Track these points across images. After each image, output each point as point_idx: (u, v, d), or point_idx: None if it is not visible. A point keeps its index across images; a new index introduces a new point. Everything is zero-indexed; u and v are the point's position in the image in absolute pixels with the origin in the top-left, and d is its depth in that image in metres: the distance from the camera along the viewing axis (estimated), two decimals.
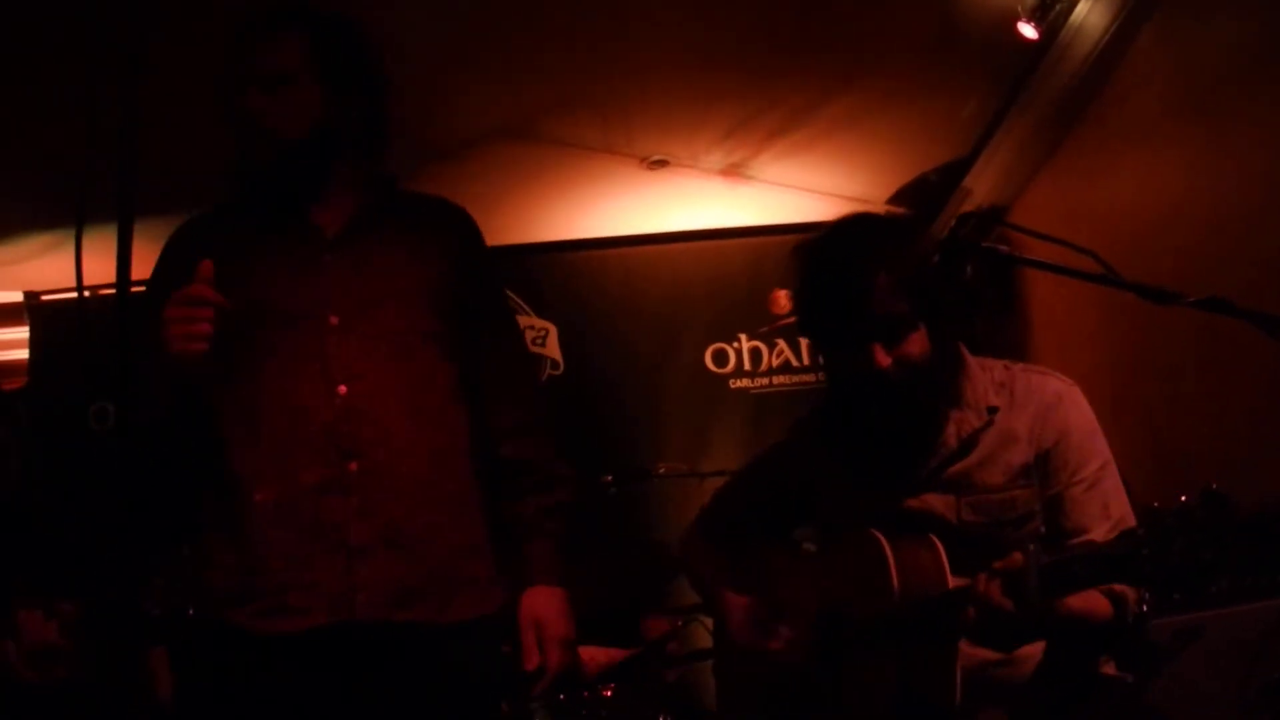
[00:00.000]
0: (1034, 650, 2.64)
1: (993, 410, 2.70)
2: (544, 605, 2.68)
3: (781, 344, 6.46)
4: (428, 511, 2.56)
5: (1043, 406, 2.70)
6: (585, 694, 4.45)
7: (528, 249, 6.43)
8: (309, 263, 2.62)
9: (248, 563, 2.48)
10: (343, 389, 2.53)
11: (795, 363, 6.48)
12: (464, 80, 4.84)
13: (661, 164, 5.76)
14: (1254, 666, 2.97)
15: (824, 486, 2.93)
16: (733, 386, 6.43)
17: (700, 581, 3.26)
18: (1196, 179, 4.16)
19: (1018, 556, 2.33)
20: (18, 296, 5.84)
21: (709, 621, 3.72)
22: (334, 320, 2.57)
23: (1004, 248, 2.55)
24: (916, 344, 2.60)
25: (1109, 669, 2.70)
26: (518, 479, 2.77)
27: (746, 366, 6.46)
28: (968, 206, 5.92)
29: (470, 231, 2.86)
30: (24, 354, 5.76)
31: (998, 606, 2.33)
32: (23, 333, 5.78)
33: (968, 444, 2.70)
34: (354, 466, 2.50)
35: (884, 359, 2.58)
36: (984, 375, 2.76)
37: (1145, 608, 2.76)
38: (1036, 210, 5.63)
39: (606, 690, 4.47)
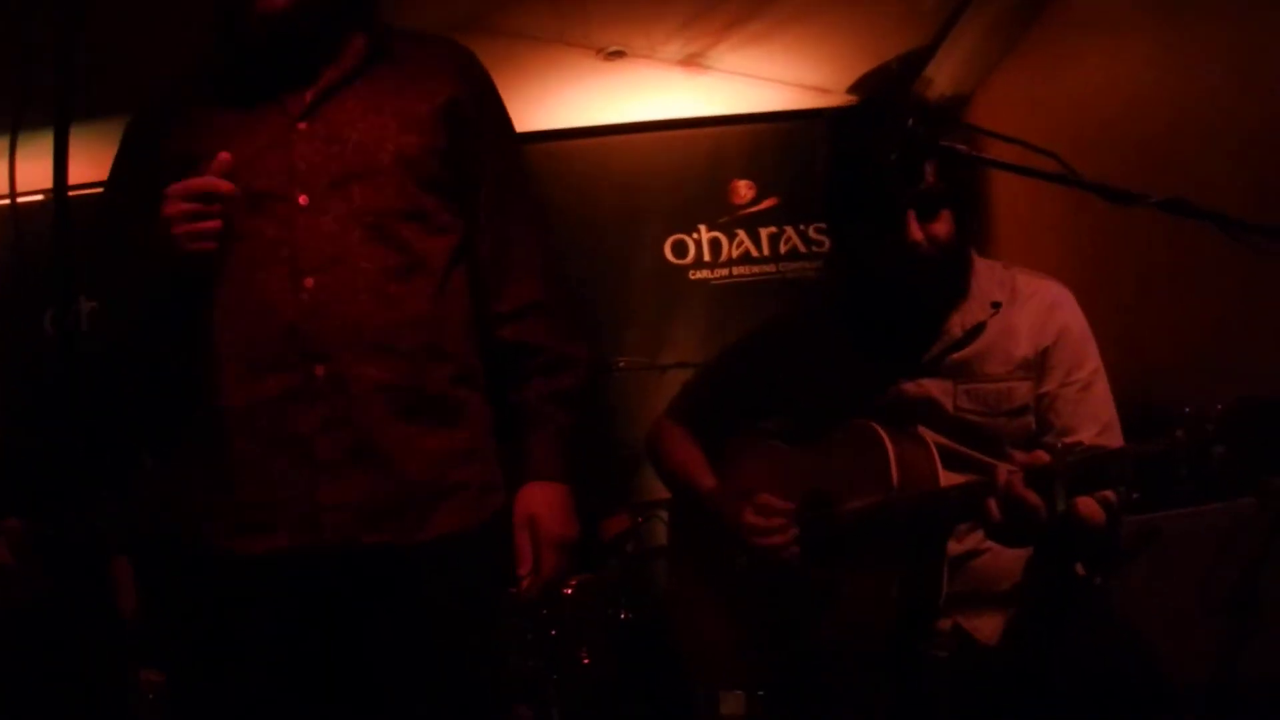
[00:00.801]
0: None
1: (996, 305, 2.71)
2: (540, 502, 2.44)
3: (741, 234, 6.44)
4: (403, 420, 2.31)
5: (1043, 306, 2.72)
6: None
7: None
8: (281, 132, 2.34)
9: (215, 475, 2.29)
10: (309, 281, 2.26)
11: (755, 253, 6.45)
12: None
13: (618, 55, 5.68)
14: (1213, 569, 3.00)
15: (812, 368, 2.90)
16: (692, 278, 6.42)
17: (671, 467, 3.17)
18: (1161, 71, 4.15)
19: (1042, 454, 2.33)
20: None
21: (666, 515, 3.66)
22: (303, 200, 2.30)
23: (963, 146, 2.49)
24: (946, 225, 2.61)
25: (1078, 569, 2.71)
26: (520, 363, 2.52)
27: (706, 257, 6.43)
28: (927, 97, 5.88)
29: (470, 80, 2.50)
30: None
31: (1023, 500, 2.30)
32: None
33: (972, 334, 2.70)
34: (320, 371, 2.26)
35: (918, 233, 2.57)
36: (987, 270, 2.77)
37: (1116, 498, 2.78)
38: (999, 101, 5.62)
39: (566, 588, 4.51)
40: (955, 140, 2.44)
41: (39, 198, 2.51)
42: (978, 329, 2.70)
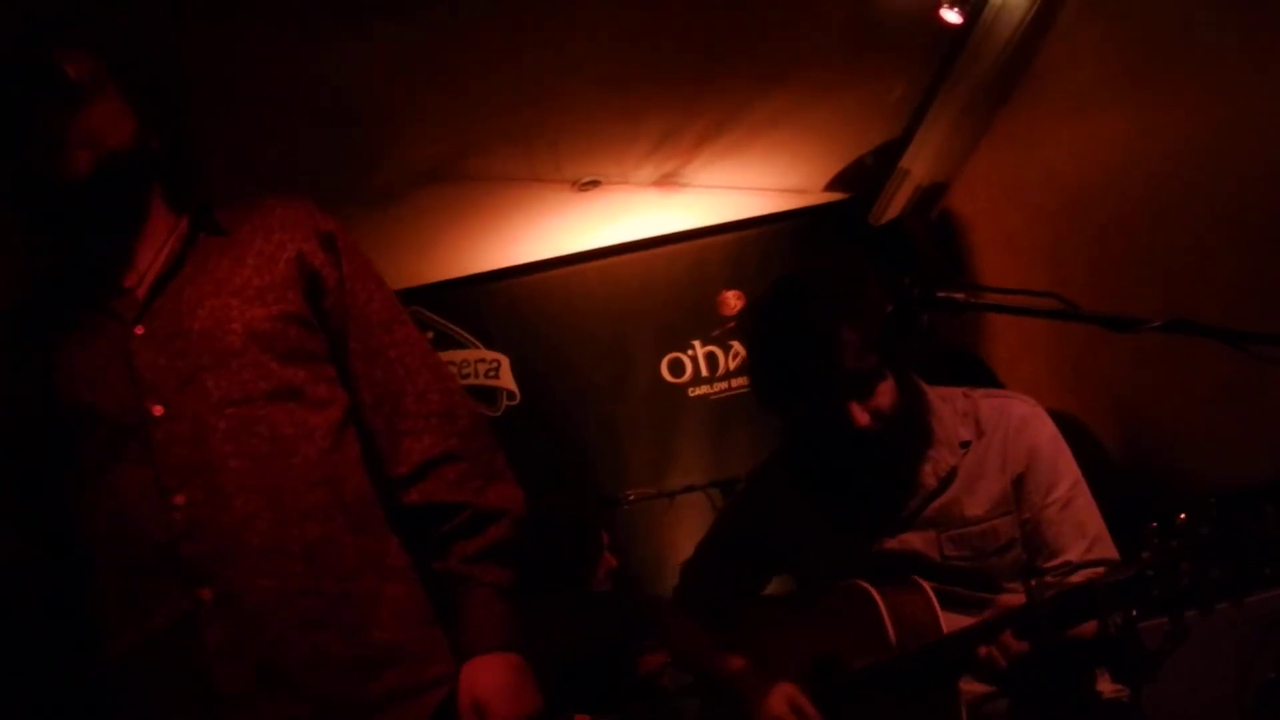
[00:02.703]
0: None
1: (965, 444, 2.70)
2: (485, 680, 2.11)
3: (736, 345, 6.36)
4: (307, 633, 2.04)
5: (1009, 431, 2.70)
6: None
7: (467, 281, 6.35)
8: (118, 342, 2.12)
9: None
10: (179, 499, 2.02)
11: None
12: (384, 130, 4.77)
13: (593, 185, 5.67)
14: (1249, 667, 2.93)
15: (797, 535, 2.89)
16: (692, 395, 6.34)
17: (690, 656, 3.13)
18: (1136, 143, 4.15)
19: (1021, 596, 2.31)
20: None
21: None
22: (157, 410, 2.06)
23: (960, 295, 2.45)
24: (887, 394, 2.58)
25: (1104, 684, 2.66)
26: (436, 528, 2.21)
27: (704, 373, 6.36)
28: (906, 189, 5.87)
29: (311, 229, 2.25)
30: None
31: (1010, 646, 2.30)
32: None
33: (946, 480, 2.68)
34: (207, 594, 2.00)
35: (862, 417, 2.54)
36: (948, 408, 2.75)
37: (1135, 612, 2.73)
38: (977, 185, 5.60)
39: None
40: (951, 290, 2.41)
41: None
42: (951, 474, 2.68)
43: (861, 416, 2.53)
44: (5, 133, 2.09)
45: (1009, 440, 2.67)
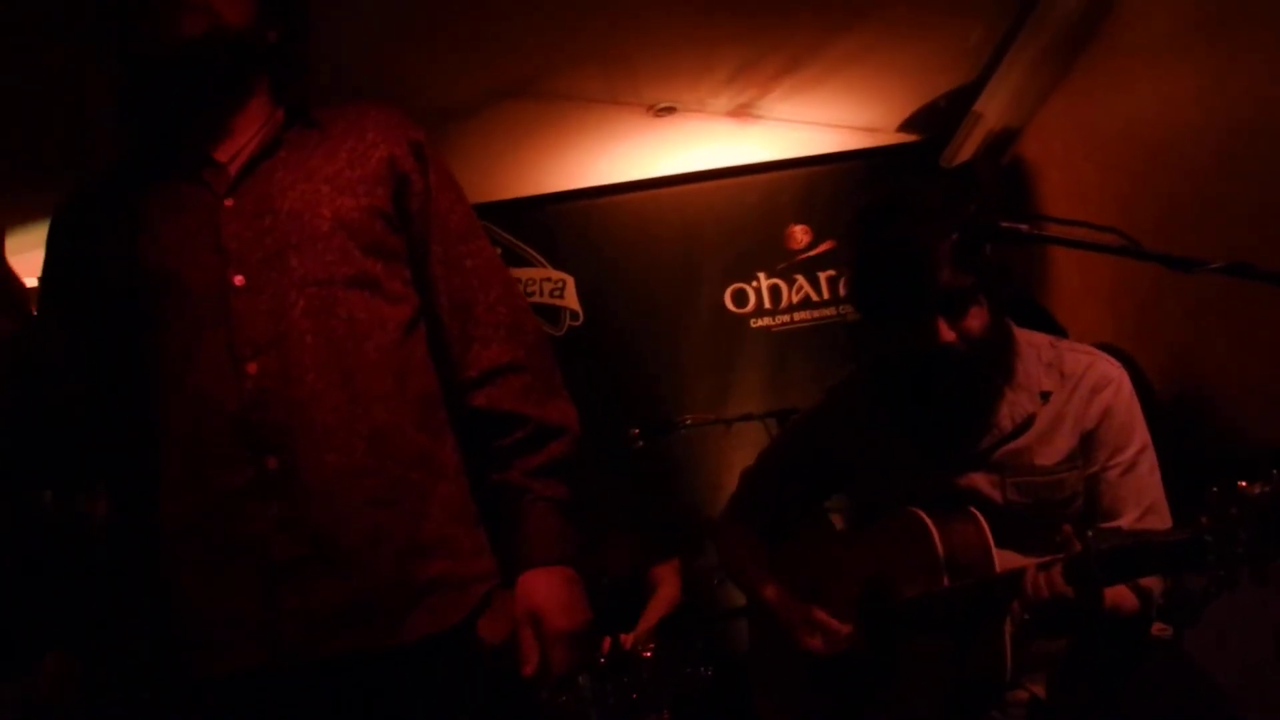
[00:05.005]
0: None
1: (1046, 395, 2.67)
2: (542, 593, 2.17)
3: (800, 279, 6.40)
4: (367, 511, 2.07)
5: (1089, 389, 2.67)
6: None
7: (538, 200, 6.40)
8: (207, 212, 2.15)
9: (161, 590, 2.05)
10: (252, 367, 2.06)
11: (815, 297, 6.40)
12: (462, 43, 4.81)
13: (669, 110, 5.71)
14: None
15: (863, 459, 2.89)
16: (754, 326, 6.37)
17: (737, 569, 3.18)
18: (1213, 96, 4.11)
19: (1076, 545, 2.30)
20: (31, 283, 5.80)
21: None
22: (238, 280, 2.10)
23: (1024, 226, 2.46)
24: (978, 319, 2.55)
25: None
26: (498, 438, 2.26)
27: (767, 305, 6.39)
28: (978, 134, 5.87)
29: (403, 136, 2.29)
30: None
31: (1056, 592, 2.30)
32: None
33: (1021, 427, 2.66)
34: (273, 463, 2.03)
35: (949, 333, 2.52)
36: (1033, 353, 2.72)
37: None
38: (1050, 133, 5.59)
39: (646, 651, 4.51)
40: (1015, 221, 2.41)
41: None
42: (1027, 422, 2.66)
43: (948, 333, 2.51)
44: None
45: (1087, 397, 2.65)
